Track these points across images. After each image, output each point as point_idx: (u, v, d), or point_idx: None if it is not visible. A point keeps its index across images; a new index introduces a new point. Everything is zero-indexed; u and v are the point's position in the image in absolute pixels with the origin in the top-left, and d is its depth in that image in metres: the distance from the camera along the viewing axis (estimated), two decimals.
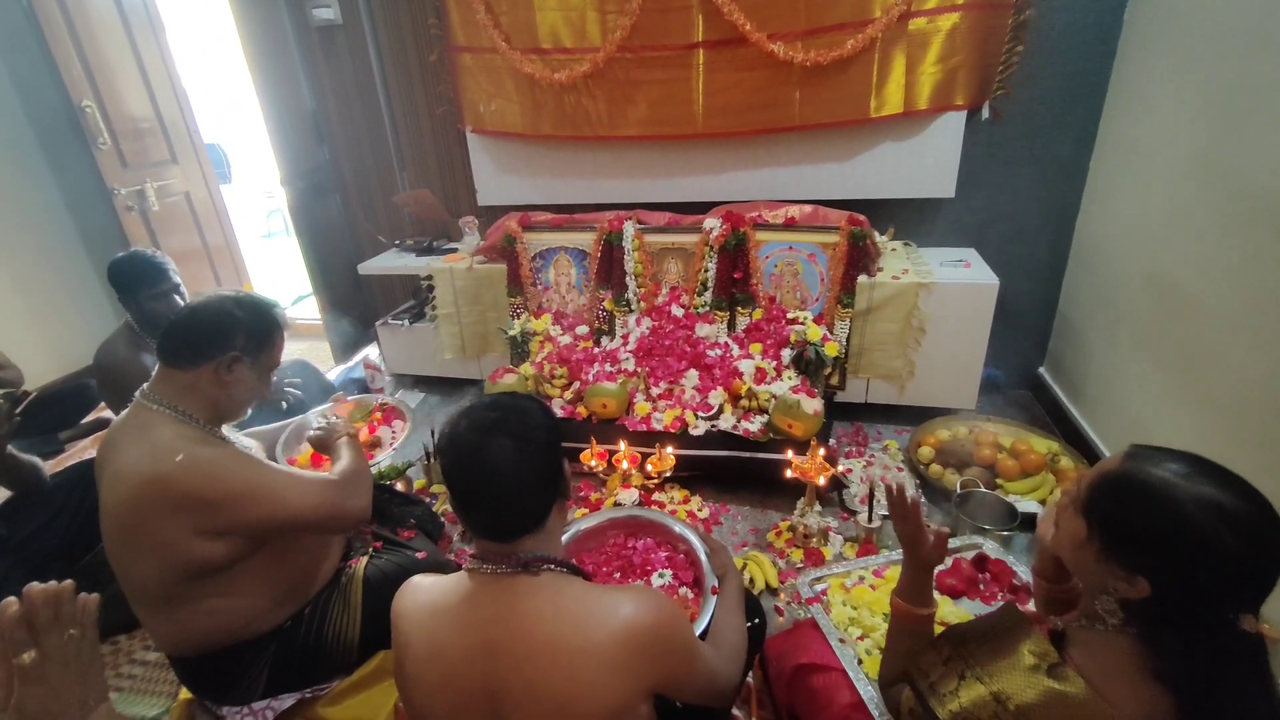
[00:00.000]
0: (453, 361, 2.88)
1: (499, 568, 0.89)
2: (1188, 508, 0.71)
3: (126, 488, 1.15)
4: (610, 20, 2.39)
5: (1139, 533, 0.75)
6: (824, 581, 1.47)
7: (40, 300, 3.23)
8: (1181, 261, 1.79)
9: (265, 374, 1.36)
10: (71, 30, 2.93)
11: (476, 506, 0.90)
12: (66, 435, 2.82)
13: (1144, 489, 0.75)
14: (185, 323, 1.26)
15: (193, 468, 1.16)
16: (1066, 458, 2.13)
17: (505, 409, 0.93)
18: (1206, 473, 0.74)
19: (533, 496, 0.90)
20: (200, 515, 1.16)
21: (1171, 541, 0.72)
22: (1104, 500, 0.79)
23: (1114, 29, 2.17)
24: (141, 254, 2.08)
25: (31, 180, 3.18)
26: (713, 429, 2.15)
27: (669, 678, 0.89)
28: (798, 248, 2.37)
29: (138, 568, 1.22)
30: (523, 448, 0.88)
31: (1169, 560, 0.73)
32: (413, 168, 3.07)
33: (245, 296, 1.33)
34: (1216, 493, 0.71)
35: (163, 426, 1.22)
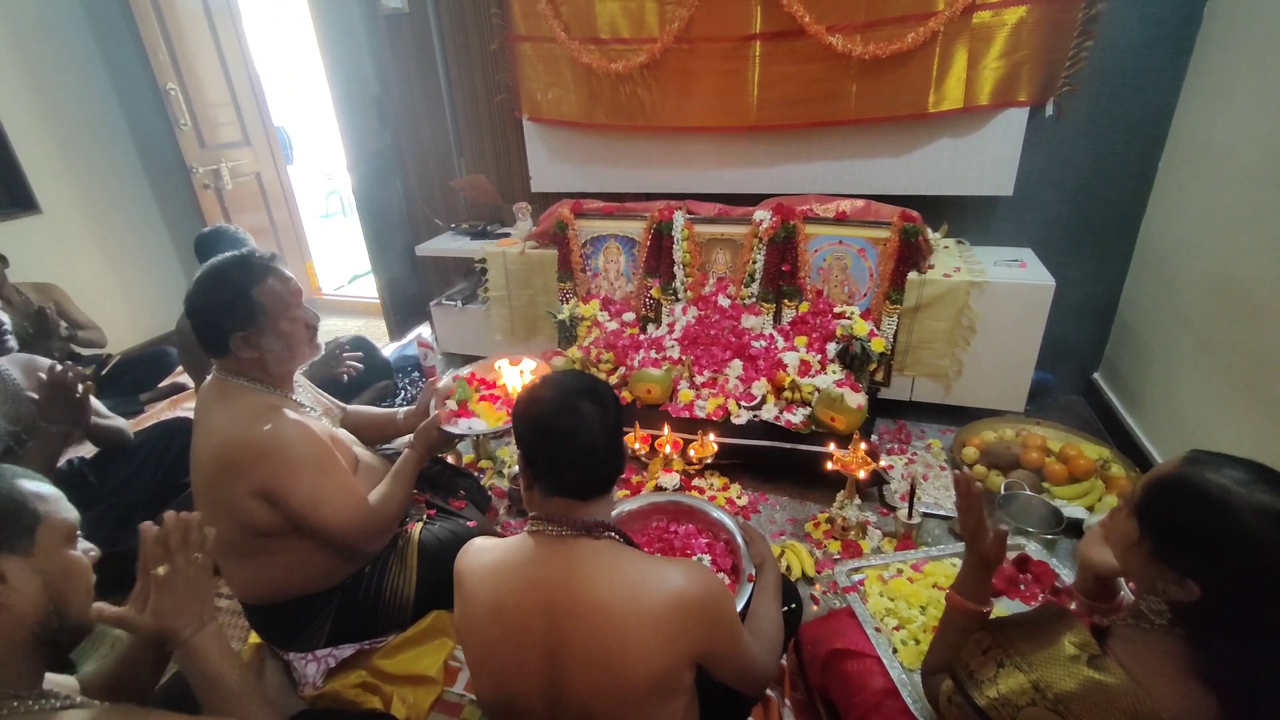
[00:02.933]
0: (502, 342, 2.97)
1: (563, 530, 0.95)
2: (1244, 515, 0.72)
3: (214, 441, 1.27)
4: (669, 11, 2.41)
5: (1191, 536, 0.76)
6: (861, 572, 1.49)
7: (126, 271, 3.46)
8: (1253, 267, 1.73)
9: (289, 329, 1.35)
10: (159, 16, 3.10)
11: (564, 461, 0.95)
12: (146, 397, 3.02)
13: (1199, 494, 0.76)
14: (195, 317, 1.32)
15: (279, 439, 1.25)
16: (1117, 465, 2.09)
17: (587, 379, 1.02)
18: (1267, 480, 0.74)
19: (611, 457, 0.98)
20: (263, 481, 1.26)
21: (1225, 547, 0.73)
22: (1157, 503, 0.80)
23: (1192, 24, 2.09)
24: (225, 229, 2.23)
25: (120, 158, 3.40)
26: (755, 419, 2.17)
27: (711, 649, 0.94)
28: (848, 242, 2.37)
29: (216, 519, 1.33)
30: (604, 412, 0.96)
31: (1222, 565, 0.74)
32: (470, 153, 3.16)
33: (210, 279, 1.31)
34: (1275, 501, 0.71)
35: (246, 395, 1.33)
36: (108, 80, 3.30)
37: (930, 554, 1.58)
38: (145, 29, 3.02)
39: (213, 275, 1.32)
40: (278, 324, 1.33)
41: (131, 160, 3.44)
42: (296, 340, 1.37)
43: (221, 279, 1.31)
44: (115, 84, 3.32)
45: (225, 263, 1.33)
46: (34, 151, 3.02)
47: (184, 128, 3.23)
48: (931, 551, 1.59)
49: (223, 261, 1.33)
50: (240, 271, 1.31)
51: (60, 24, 3.10)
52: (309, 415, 1.43)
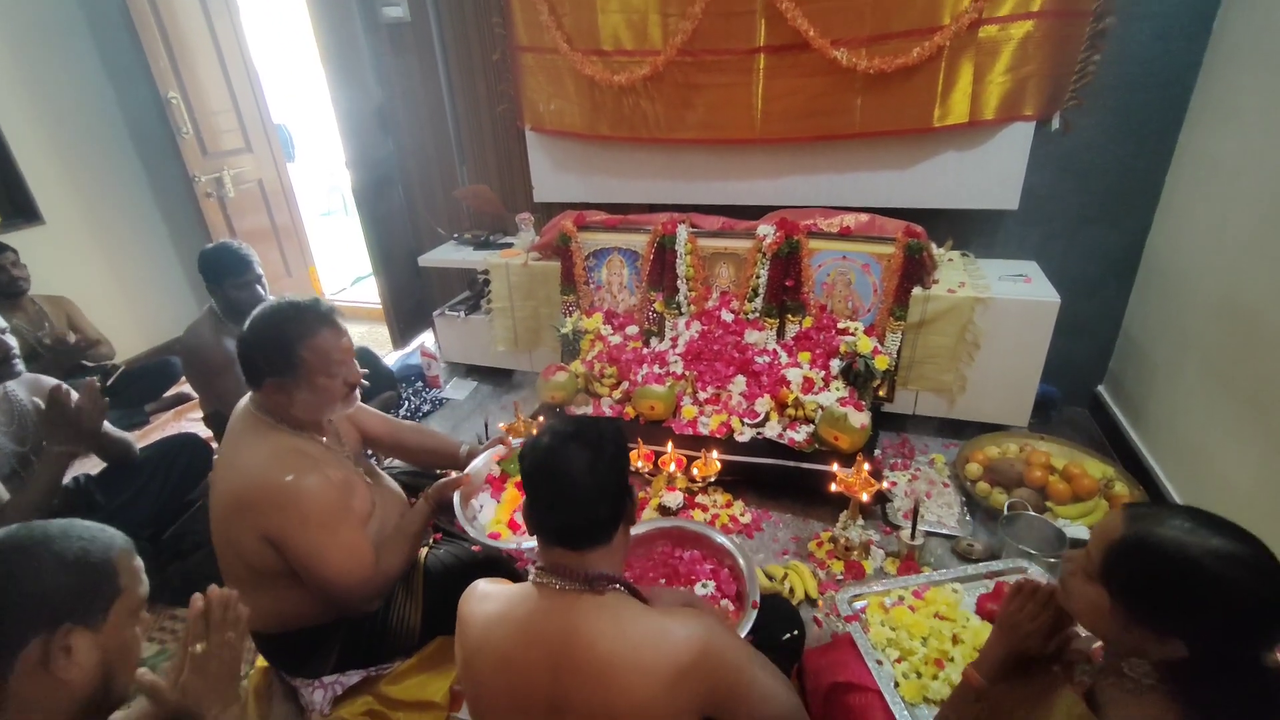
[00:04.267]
0: (505, 353, 2.97)
1: (566, 584, 0.95)
2: (1205, 561, 0.74)
3: (236, 478, 1.29)
4: (672, 24, 2.39)
5: (1164, 595, 0.77)
6: (863, 599, 1.49)
7: (129, 280, 3.46)
8: (1262, 290, 1.71)
9: (325, 384, 1.35)
10: (160, 25, 3.09)
11: (552, 509, 0.96)
12: (151, 407, 3.04)
13: (1158, 550, 0.77)
14: (240, 348, 1.34)
15: (297, 492, 1.27)
16: (1121, 483, 2.09)
17: (582, 423, 1.01)
18: (1207, 524, 0.78)
19: (603, 505, 0.96)
20: (272, 529, 1.28)
21: (1199, 598, 0.75)
22: (1121, 567, 0.81)
23: (1201, 40, 2.07)
24: (229, 246, 2.22)
25: (123, 168, 3.40)
26: (758, 436, 2.18)
27: (719, 701, 0.94)
28: (851, 257, 2.36)
29: (228, 551, 1.35)
30: (596, 457, 0.95)
31: (1199, 617, 0.75)
32: (472, 162, 3.15)
33: (264, 319, 1.32)
34: (1225, 542, 0.75)
35: (276, 435, 1.34)
36: (110, 90, 3.30)
37: (932, 579, 1.58)
38: (147, 38, 3.01)
39: (268, 317, 1.33)
40: (315, 379, 1.33)
41: (134, 169, 3.44)
42: (330, 396, 1.37)
43: (274, 324, 1.32)
44: (118, 93, 3.32)
45: (284, 308, 1.34)
46: (37, 163, 3.03)
47: (186, 136, 3.22)
48: (934, 576, 1.59)
49: (282, 306, 1.34)
50: (293, 322, 1.32)
51: (62, 34, 3.10)
52: (334, 457, 1.44)
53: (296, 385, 1.33)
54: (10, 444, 1.84)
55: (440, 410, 2.95)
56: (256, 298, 2.24)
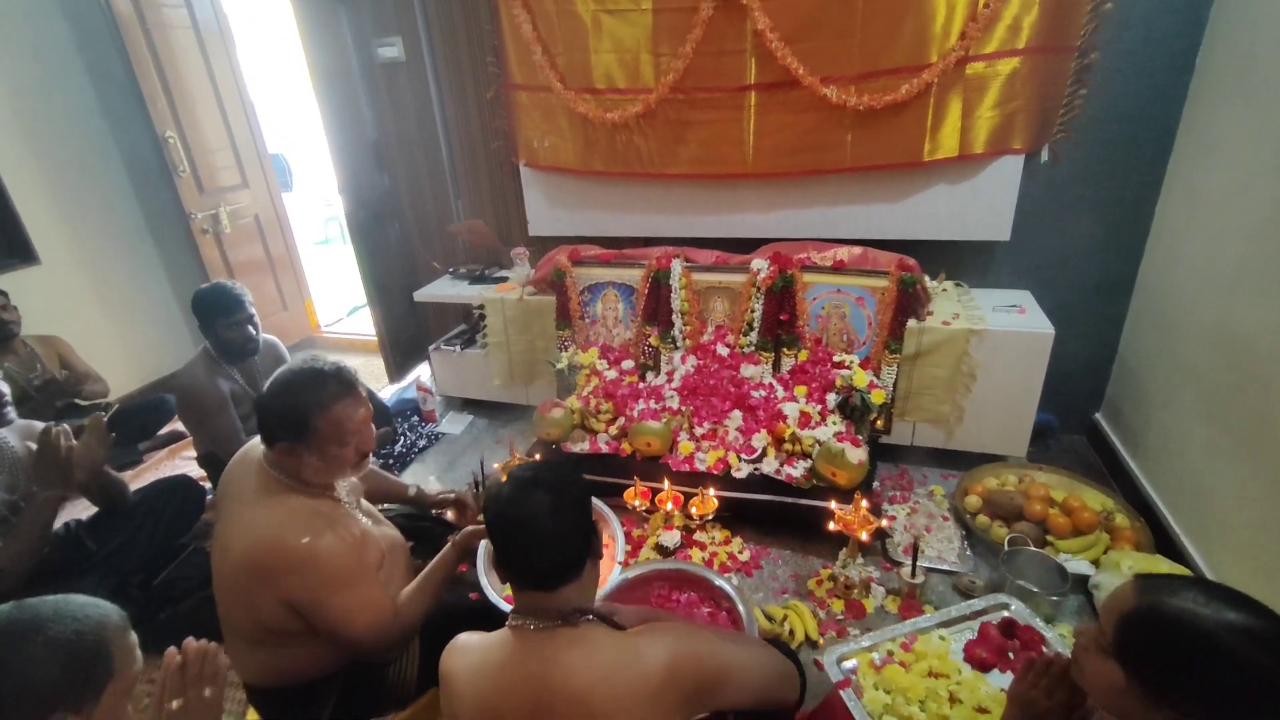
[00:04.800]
0: (501, 387, 2.97)
1: (540, 623, 0.97)
2: (1221, 637, 0.73)
3: (251, 542, 1.27)
4: (664, 62, 2.42)
5: (1182, 670, 0.75)
6: (852, 658, 1.46)
7: (125, 317, 3.46)
8: (1253, 324, 1.72)
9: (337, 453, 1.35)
10: (158, 64, 3.13)
11: (519, 555, 0.99)
12: (145, 446, 3.02)
13: (1173, 621, 0.76)
14: (258, 408, 1.34)
15: (313, 556, 1.26)
16: (1121, 515, 2.07)
17: (540, 469, 1.04)
18: (1223, 598, 0.76)
19: (570, 545, 0.99)
20: (291, 592, 1.27)
21: (1216, 674, 0.73)
22: (1135, 639, 0.79)
23: (1185, 74, 2.10)
24: (223, 285, 2.24)
25: (119, 205, 3.41)
26: (755, 472, 2.16)
27: (703, 695, 0.98)
28: (845, 290, 2.37)
29: (236, 609, 1.34)
30: (558, 500, 0.98)
31: (1225, 696, 0.73)
32: (468, 197, 3.17)
33: (283, 383, 1.32)
34: (1242, 617, 0.74)
35: (290, 495, 1.33)
36: (106, 129, 3.32)
37: (918, 625, 1.55)
38: (144, 79, 3.04)
39: (286, 382, 1.32)
40: (327, 449, 1.33)
41: (130, 207, 3.45)
42: (341, 464, 1.37)
43: (292, 389, 1.31)
44: (114, 132, 3.34)
45: (305, 374, 1.33)
46: (33, 202, 3.04)
47: (183, 174, 3.25)
48: (919, 623, 1.56)
49: (303, 371, 1.33)
50: (311, 390, 1.31)
51: (59, 75, 3.13)
52: (347, 512, 1.44)
53: (308, 451, 1.32)
54: (1, 492, 1.82)
55: (436, 445, 2.94)
56: (248, 337, 2.25)
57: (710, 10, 2.27)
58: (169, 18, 3.18)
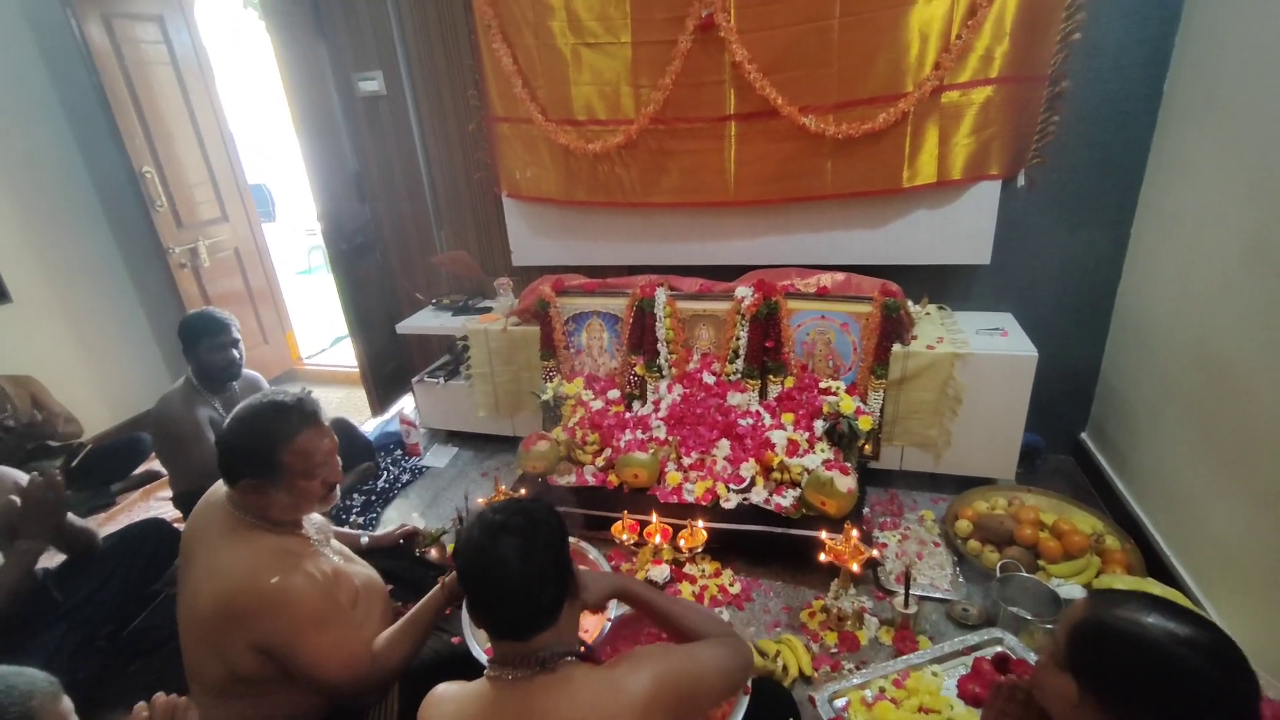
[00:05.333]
0: (486, 419, 2.93)
1: (518, 672, 0.94)
2: (1167, 646, 0.76)
3: (219, 586, 1.22)
4: (644, 94, 2.44)
5: (1131, 682, 0.78)
6: (844, 695, 1.43)
7: (100, 354, 3.39)
8: (1232, 345, 1.73)
9: (305, 486, 1.32)
10: (135, 99, 3.11)
11: (491, 605, 0.96)
12: (118, 487, 2.93)
13: (1119, 631, 0.79)
14: (219, 447, 1.30)
15: (285, 594, 1.22)
16: (1111, 537, 2.07)
17: (510, 511, 1.00)
18: (1168, 611, 0.80)
19: (543, 592, 0.96)
20: (264, 635, 1.22)
21: (1164, 683, 0.76)
22: (1087, 654, 0.82)
23: (1153, 101, 2.15)
24: (210, 310, 2.25)
25: (94, 240, 3.36)
26: (744, 502, 2.14)
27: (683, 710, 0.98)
28: (830, 316, 2.37)
29: (204, 659, 1.28)
30: (529, 545, 0.95)
31: (1169, 705, 0.76)
32: (450, 228, 3.16)
33: (244, 420, 1.28)
34: (1184, 627, 0.77)
35: (258, 536, 1.29)
36: (81, 164, 3.28)
37: (910, 662, 1.52)
38: (120, 114, 3.02)
39: (248, 418, 1.29)
40: (294, 482, 1.30)
41: (106, 243, 3.40)
42: (308, 497, 1.34)
43: (255, 425, 1.28)
44: (89, 168, 3.30)
45: (265, 409, 1.29)
46: (4, 240, 2.98)
47: (160, 209, 3.21)
48: (911, 660, 1.54)
49: (263, 406, 1.30)
50: (274, 424, 1.28)
51: (32, 110, 3.09)
52: (316, 551, 1.39)
53: (274, 486, 1.29)
54: None
55: (420, 479, 2.88)
56: (231, 360, 2.24)
57: (688, 43, 2.30)
58: (147, 54, 3.17)
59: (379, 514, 2.65)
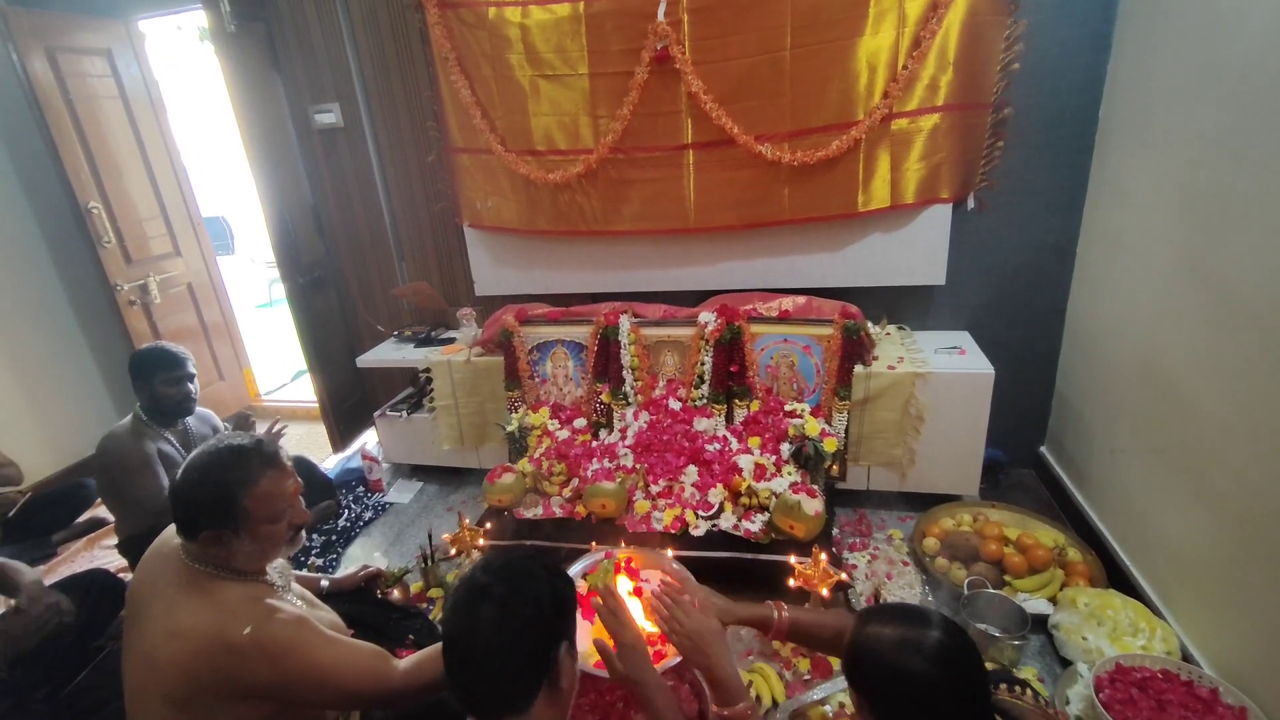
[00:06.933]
0: (451, 452, 2.87)
1: None
2: (892, 654, 0.85)
3: (184, 646, 1.13)
4: (602, 124, 2.46)
5: (876, 688, 0.88)
6: (804, 715, 1.42)
7: (42, 395, 3.24)
8: (1176, 359, 1.79)
9: (269, 532, 1.25)
10: (80, 135, 3.03)
11: (456, 674, 0.89)
12: (59, 537, 2.79)
13: (864, 648, 0.89)
14: (173, 500, 1.23)
15: (260, 644, 1.14)
16: (1073, 549, 2.10)
17: (497, 575, 0.92)
18: (902, 617, 0.90)
19: (513, 673, 0.88)
20: (252, 686, 1.15)
21: (897, 688, 0.85)
22: (851, 668, 0.92)
23: (1090, 125, 2.25)
24: (164, 345, 2.20)
25: (37, 278, 3.24)
26: (714, 529, 2.12)
27: None
28: (792, 340, 2.39)
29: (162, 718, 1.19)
30: (506, 619, 0.87)
31: (904, 703, 0.84)
32: (411, 259, 3.13)
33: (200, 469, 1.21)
34: (907, 630, 0.86)
35: (219, 587, 1.21)
36: (23, 199, 3.17)
37: None
38: (65, 150, 2.93)
39: (204, 466, 1.21)
40: (258, 529, 1.22)
41: (50, 281, 3.28)
42: (275, 542, 1.27)
43: (211, 474, 1.20)
44: (32, 203, 3.19)
45: (221, 455, 1.22)
46: None
47: (108, 246, 3.11)
48: None
49: (220, 452, 1.22)
50: (234, 470, 1.20)
51: None
52: (280, 595, 1.31)
53: (237, 536, 1.21)
54: None
55: (383, 516, 2.80)
56: (186, 394, 2.18)
57: (645, 74, 2.33)
58: (94, 87, 3.09)
59: (340, 554, 2.56)
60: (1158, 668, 1.59)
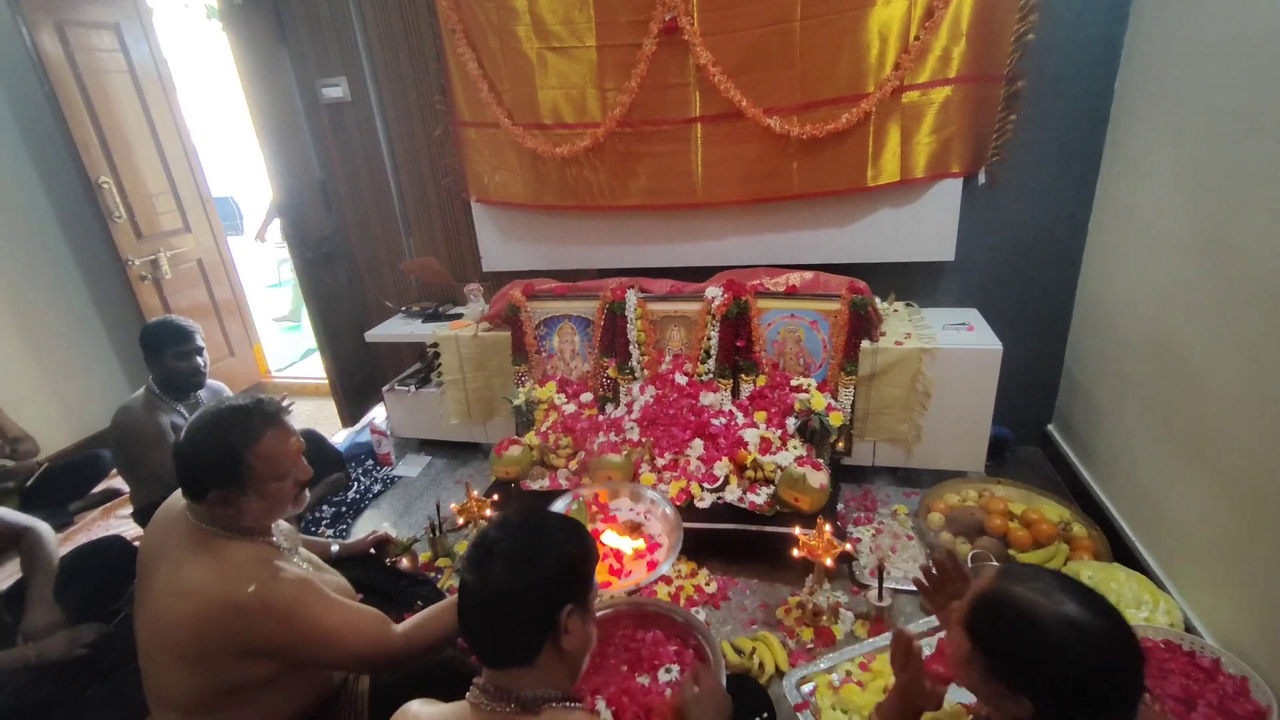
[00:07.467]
0: (459, 426, 2.89)
1: (498, 705, 0.89)
2: (1049, 625, 0.80)
3: (192, 605, 1.15)
4: (610, 97, 2.45)
5: (1013, 651, 0.84)
6: (811, 680, 1.44)
7: (56, 369, 3.28)
8: (1187, 334, 1.78)
9: (276, 489, 1.28)
10: (90, 109, 3.04)
11: (466, 619, 0.92)
12: (76, 506, 2.84)
13: (1013, 608, 0.84)
14: (178, 461, 1.24)
15: (264, 603, 1.16)
16: (1078, 525, 2.10)
17: (510, 532, 0.94)
18: (1068, 591, 0.84)
19: (515, 630, 0.90)
20: (257, 644, 1.17)
21: (1040, 660, 0.81)
22: (981, 619, 0.88)
23: (1106, 99, 2.21)
24: (173, 319, 2.22)
25: (49, 253, 3.27)
26: (719, 501, 2.13)
27: None
28: (799, 315, 2.39)
29: (176, 679, 1.22)
30: (509, 578, 0.89)
31: (1042, 679, 0.81)
32: (419, 235, 3.13)
33: (204, 429, 1.22)
34: (1077, 611, 0.80)
35: (226, 547, 1.23)
36: (35, 174, 3.19)
37: (875, 645, 1.54)
38: (75, 124, 2.94)
39: (207, 426, 1.23)
40: (264, 486, 1.25)
41: (62, 256, 3.31)
42: (281, 500, 1.29)
43: (215, 433, 1.22)
44: (43, 179, 3.21)
45: (224, 414, 1.24)
46: None
47: (119, 220, 3.13)
48: (876, 643, 1.55)
49: (221, 412, 1.25)
50: (237, 429, 1.23)
51: None
52: (286, 558, 1.34)
53: (244, 494, 1.24)
54: None
55: (392, 489, 2.83)
56: (196, 368, 2.20)
57: (653, 46, 2.31)
58: (103, 62, 3.10)
59: (350, 525, 2.60)
60: (1160, 638, 1.60)
